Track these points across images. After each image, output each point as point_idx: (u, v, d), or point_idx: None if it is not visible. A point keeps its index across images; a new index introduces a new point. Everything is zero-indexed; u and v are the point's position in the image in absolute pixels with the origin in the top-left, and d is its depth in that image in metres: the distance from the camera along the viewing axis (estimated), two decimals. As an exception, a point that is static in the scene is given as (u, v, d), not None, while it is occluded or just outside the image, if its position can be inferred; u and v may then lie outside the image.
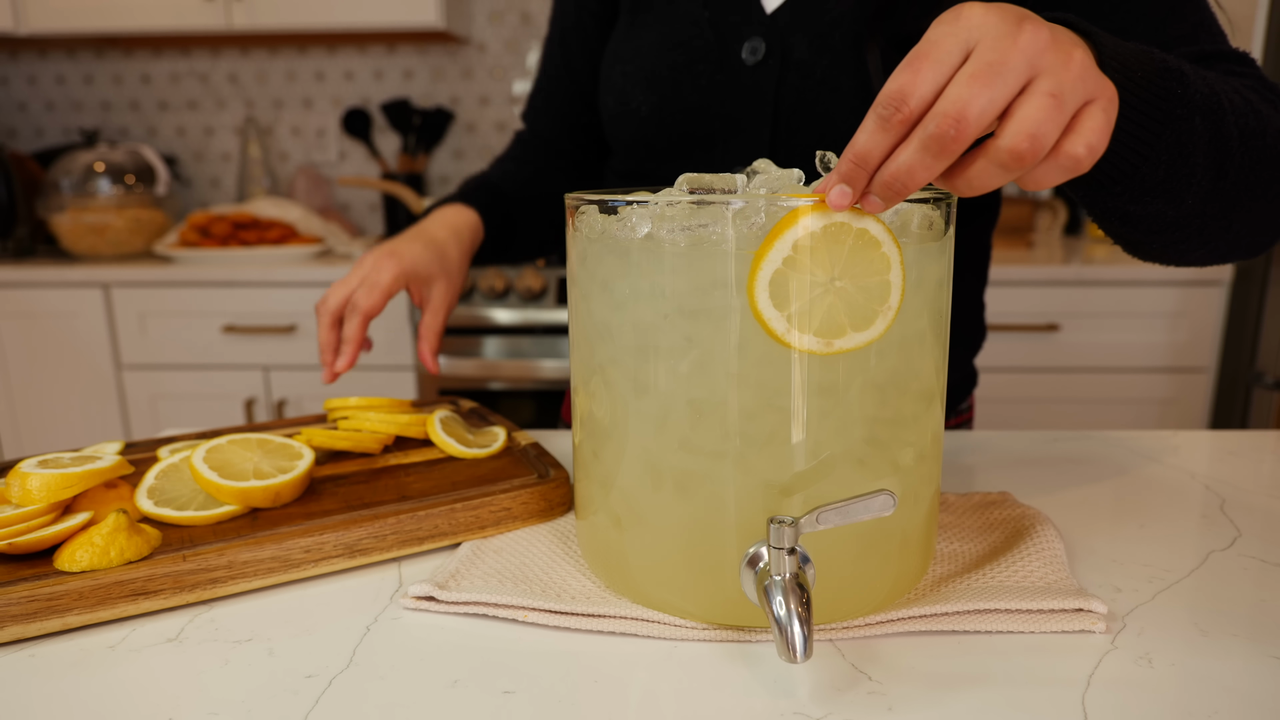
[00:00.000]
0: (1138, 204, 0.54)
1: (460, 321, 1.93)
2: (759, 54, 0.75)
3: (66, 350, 2.02)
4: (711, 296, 0.43)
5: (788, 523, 0.41)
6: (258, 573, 0.51)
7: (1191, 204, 0.54)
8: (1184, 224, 0.57)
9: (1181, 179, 0.52)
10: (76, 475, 0.54)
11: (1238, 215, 0.58)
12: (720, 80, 0.77)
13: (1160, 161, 0.51)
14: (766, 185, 0.48)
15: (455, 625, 0.48)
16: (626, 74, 0.82)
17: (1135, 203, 0.54)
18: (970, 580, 0.50)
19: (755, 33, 0.76)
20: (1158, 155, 0.51)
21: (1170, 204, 0.54)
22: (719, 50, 0.77)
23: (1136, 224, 0.57)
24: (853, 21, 0.73)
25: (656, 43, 0.80)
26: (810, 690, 0.42)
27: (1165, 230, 0.58)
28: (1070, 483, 0.68)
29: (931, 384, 0.47)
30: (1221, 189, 0.55)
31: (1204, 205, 0.55)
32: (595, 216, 0.47)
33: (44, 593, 0.47)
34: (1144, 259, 0.64)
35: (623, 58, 0.83)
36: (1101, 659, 0.44)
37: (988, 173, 0.40)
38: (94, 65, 2.50)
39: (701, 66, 0.78)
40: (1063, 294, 1.84)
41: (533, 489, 0.59)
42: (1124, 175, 0.51)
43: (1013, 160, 0.39)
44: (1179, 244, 0.59)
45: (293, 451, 0.61)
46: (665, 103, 0.79)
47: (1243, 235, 0.60)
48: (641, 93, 0.80)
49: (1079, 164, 0.40)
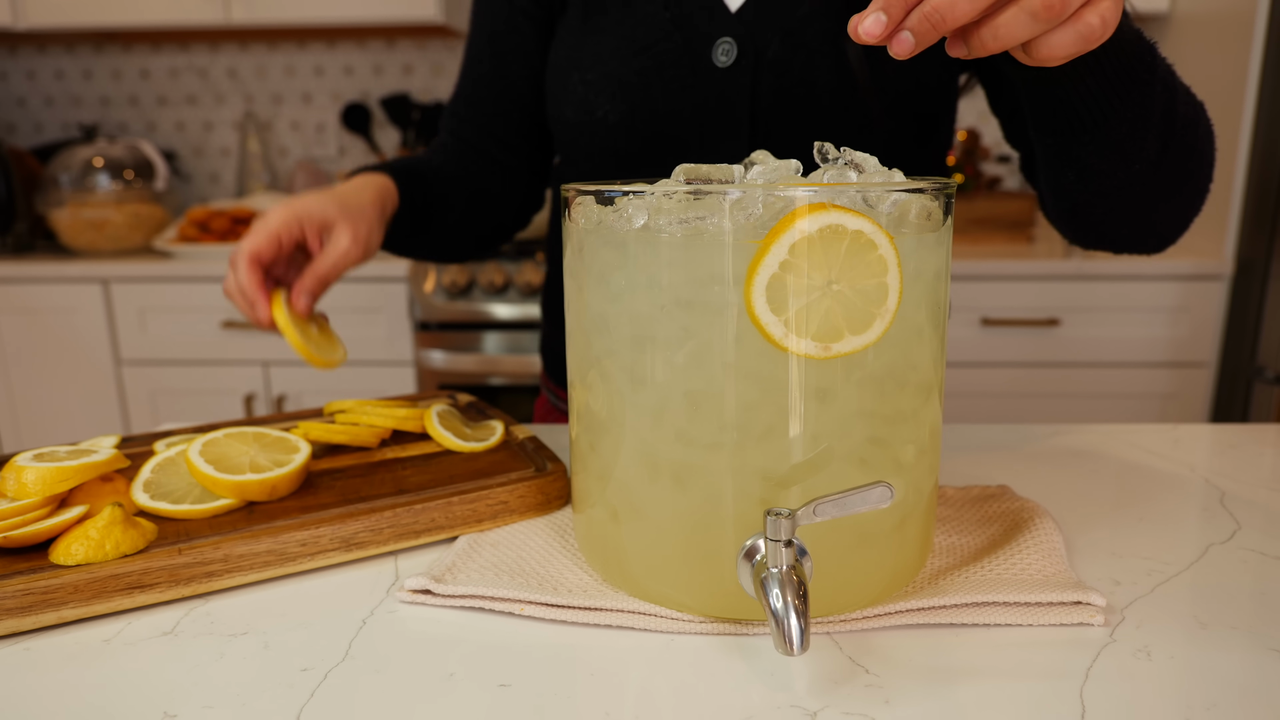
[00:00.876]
0: (1099, 157, 0.60)
1: (460, 316, 1.93)
2: (732, 56, 0.74)
3: (66, 346, 2.02)
4: (709, 288, 0.42)
5: (784, 515, 0.40)
6: (253, 566, 0.51)
7: (1138, 169, 0.61)
8: (1125, 190, 0.62)
9: (1137, 140, 0.58)
10: (72, 469, 0.53)
11: (1165, 195, 0.64)
12: (693, 85, 0.75)
13: (1125, 119, 0.57)
14: (764, 176, 0.47)
15: (451, 618, 0.48)
16: (588, 82, 0.78)
17: (1097, 155, 0.60)
18: (968, 573, 0.50)
19: (724, 33, 0.74)
20: (1124, 113, 0.56)
21: (1123, 164, 0.60)
22: (689, 54, 0.75)
23: (1089, 179, 0.62)
24: (824, 16, 0.73)
25: (618, 48, 0.77)
26: (807, 683, 0.42)
27: (1110, 194, 0.63)
28: (1069, 476, 0.68)
29: (929, 376, 0.47)
30: (1162, 163, 0.61)
31: (1145, 174, 0.61)
32: (592, 207, 0.47)
33: (39, 586, 0.46)
34: (1075, 233, 0.70)
35: (581, 65, 0.79)
36: (1100, 652, 0.44)
37: (1017, 21, 0.43)
38: (93, 60, 2.50)
39: (672, 72, 0.75)
40: (1064, 289, 1.83)
41: (530, 482, 0.59)
42: (1096, 124, 0.57)
43: (1044, 9, 0.42)
44: (1115, 212, 0.65)
45: (289, 445, 0.60)
46: (636, 110, 0.77)
47: (1162, 220, 0.67)
48: (608, 101, 0.77)
49: (1092, 32, 0.44)
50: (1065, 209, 0.68)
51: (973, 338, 1.87)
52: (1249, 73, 1.70)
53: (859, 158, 0.47)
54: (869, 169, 0.47)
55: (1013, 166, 2.40)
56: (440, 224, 0.86)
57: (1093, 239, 0.70)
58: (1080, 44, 0.45)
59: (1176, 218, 0.67)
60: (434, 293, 1.93)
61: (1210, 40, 1.80)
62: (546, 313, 0.98)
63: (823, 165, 0.48)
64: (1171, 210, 0.66)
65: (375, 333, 1.98)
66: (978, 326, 1.86)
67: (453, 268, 1.91)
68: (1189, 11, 1.94)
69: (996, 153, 2.39)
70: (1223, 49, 1.78)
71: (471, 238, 0.90)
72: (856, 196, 0.42)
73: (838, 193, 0.41)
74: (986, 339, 1.87)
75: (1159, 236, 0.69)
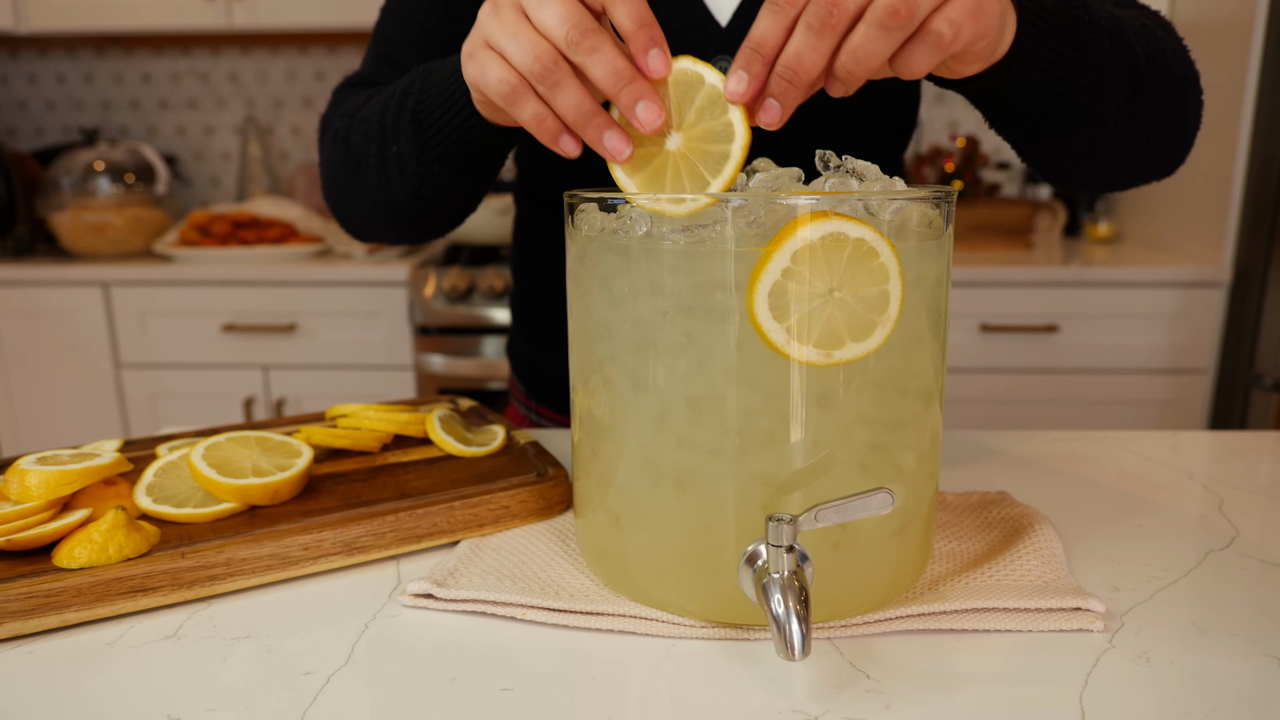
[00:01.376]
0: (1067, 131, 0.59)
1: (460, 321, 1.93)
2: (726, 65, 0.74)
3: (66, 349, 2.02)
4: (711, 295, 0.43)
5: (786, 520, 0.41)
6: (256, 570, 0.51)
7: (1114, 125, 0.59)
8: (1108, 145, 0.61)
9: (1102, 100, 0.57)
10: (75, 472, 0.54)
11: (1154, 132, 0.63)
12: None
13: (1082, 86, 0.56)
14: (766, 184, 0.48)
15: (454, 623, 0.48)
16: None
17: (1065, 130, 0.58)
18: (968, 579, 0.50)
19: (719, 50, 0.74)
20: (1079, 80, 0.55)
21: (1095, 127, 0.59)
22: None
23: (1067, 151, 0.62)
24: None
25: None
26: (808, 688, 0.42)
27: (1092, 155, 0.62)
28: (1068, 482, 0.68)
29: (930, 383, 0.47)
30: (1137, 107, 0.60)
31: (1124, 125, 0.60)
32: (595, 214, 0.48)
33: (42, 589, 0.47)
34: (1072, 187, 0.69)
35: None
36: (1099, 658, 0.44)
37: (870, 39, 0.43)
38: (94, 64, 2.50)
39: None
40: (1062, 295, 1.84)
41: (531, 487, 0.59)
42: (1052, 104, 0.56)
43: (889, 17, 0.42)
44: (1105, 167, 0.64)
45: (291, 449, 0.61)
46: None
47: (1159, 152, 0.65)
48: None
49: (942, 41, 0.44)
50: (1054, 178, 0.68)
51: (971, 344, 1.87)
52: (1248, 79, 1.71)
53: (860, 166, 0.48)
54: (870, 177, 0.48)
55: (1012, 173, 2.41)
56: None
57: (1093, 188, 0.70)
58: (936, 54, 0.45)
59: (1172, 143, 0.66)
60: (434, 297, 1.93)
61: (1209, 46, 1.81)
62: (520, 329, 0.95)
63: (824, 173, 0.48)
64: (1164, 139, 0.65)
65: (375, 337, 1.98)
66: (977, 332, 1.87)
67: (453, 272, 1.91)
68: (1188, 17, 1.95)
69: (995, 159, 2.40)
70: (1221, 55, 1.79)
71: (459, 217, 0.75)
72: (858, 204, 0.43)
73: (839, 200, 0.41)
74: (985, 345, 1.87)
75: (1161, 165, 0.68)
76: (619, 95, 0.45)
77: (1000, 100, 0.57)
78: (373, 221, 0.73)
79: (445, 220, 0.73)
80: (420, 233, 0.74)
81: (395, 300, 1.96)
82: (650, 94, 0.45)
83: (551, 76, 0.47)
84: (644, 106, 0.45)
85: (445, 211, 0.71)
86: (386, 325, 1.98)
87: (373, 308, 1.97)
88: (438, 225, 0.74)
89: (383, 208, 0.70)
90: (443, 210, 0.70)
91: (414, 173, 0.65)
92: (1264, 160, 1.73)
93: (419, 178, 0.65)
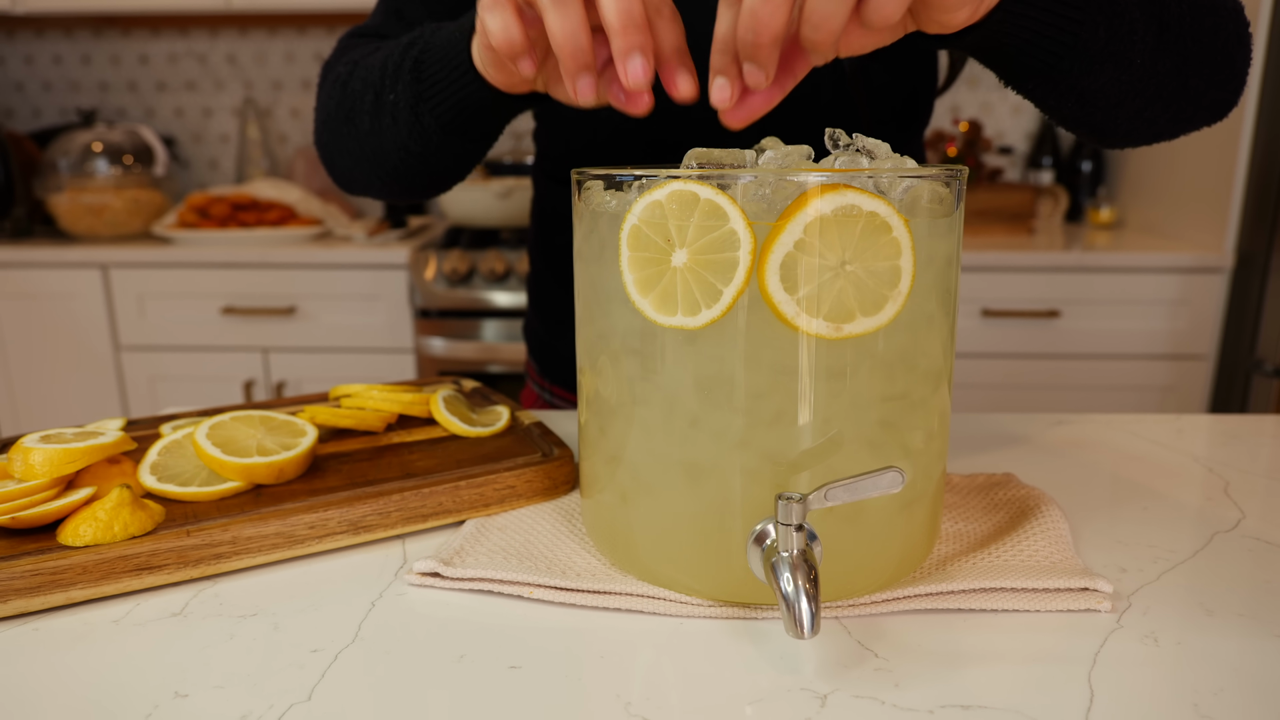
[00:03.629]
0: (1088, 76, 0.54)
1: (460, 304, 1.93)
2: None
3: (65, 331, 2.02)
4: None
5: (796, 499, 0.40)
6: (262, 548, 0.51)
7: (1141, 63, 0.55)
8: (1140, 89, 0.56)
9: (1123, 38, 0.53)
10: (79, 450, 0.53)
11: (1192, 70, 0.57)
12: None
13: (1098, 24, 0.51)
14: (776, 162, 0.47)
15: (460, 601, 0.48)
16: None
17: (1086, 74, 0.54)
18: (976, 559, 0.50)
19: None
20: (1092, 17, 0.51)
21: (1121, 69, 0.54)
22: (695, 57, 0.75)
23: (1094, 100, 0.57)
24: None
25: None
26: (816, 667, 0.42)
27: (1123, 100, 0.57)
28: (1073, 465, 0.68)
29: (939, 363, 0.47)
30: (1167, 42, 0.55)
31: (1154, 63, 0.55)
32: (601, 192, 0.47)
33: (47, 567, 0.46)
34: (1114, 142, 0.64)
35: None
36: (1107, 638, 0.44)
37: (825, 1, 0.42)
38: (91, 45, 2.48)
39: None
40: (1064, 280, 1.83)
41: (537, 467, 0.59)
42: (1067, 48, 0.52)
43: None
44: (1142, 113, 0.59)
45: (296, 429, 0.60)
46: None
47: (1202, 91, 0.60)
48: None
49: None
50: (1089, 133, 0.62)
51: (973, 328, 1.87)
52: (1252, 64, 1.70)
53: (870, 144, 0.47)
54: (880, 155, 0.47)
55: (1014, 158, 2.40)
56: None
57: (1135, 141, 0.64)
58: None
59: (1218, 80, 0.60)
60: (434, 280, 1.92)
61: (1213, 32, 1.80)
62: (536, 309, 0.96)
63: (834, 151, 0.48)
64: (1206, 77, 0.59)
65: (375, 320, 1.98)
66: (978, 317, 1.86)
67: (453, 255, 1.90)
68: (1192, 3, 1.94)
69: (998, 144, 2.39)
70: (1226, 41, 1.77)
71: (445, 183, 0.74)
72: (868, 182, 0.42)
73: (850, 178, 0.41)
74: (986, 330, 1.87)
75: (1207, 107, 0.62)
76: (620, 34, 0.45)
77: (1008, 52, 0.54)
78: (359, 171, 0.72)
79: (429, 182, 0.71)
80: (404, 189, 0.72)
81: (395, 283, 1.95)
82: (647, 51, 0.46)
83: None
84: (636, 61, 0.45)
85: (429, 173, 0.69)
86: (386, 308, 1.97)
87: (373, 290, 1.96)
88: (420, 186, 0.72)
89: (370, 157, 0.69)
90: (426, 171, 0.69)
91: (406, 122, 0.64)
92: (1267, 146, 1.73)
93: (409, 129, 0.64)
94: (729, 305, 0.41)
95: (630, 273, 0.43)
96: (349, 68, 0.71)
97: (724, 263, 0.41)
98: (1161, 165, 2.07)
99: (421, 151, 0.66)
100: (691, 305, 0.42)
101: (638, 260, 0.43)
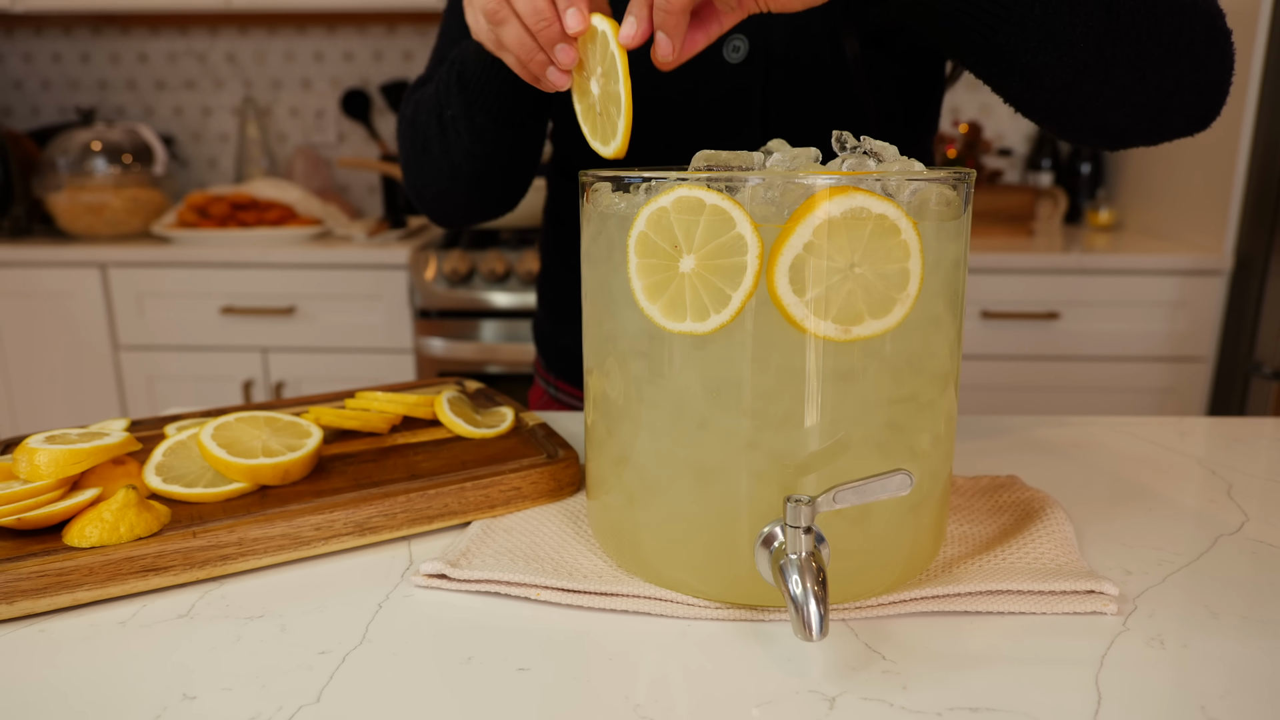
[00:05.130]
0: (1028, 53, 0.56)
1: (459, 304, 1.93)
2: (742, 52, 0.74)
3: (63, 330, 2.01)
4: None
5: (805, 501, 0.40)
6: (268, 550, 0.51)
7: (1085, 47, 0.55)
8: (1087, 73, 0.57)
9: (1060, 16, 0.54)
10: (85, 451, 0.53)
11: (1150, 65, 0.57)
12: (704, 80, 0.75)
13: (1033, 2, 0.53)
14: (783, 164, 0.47)
15: (467, 603, 0.48)
16: None
17: (1025, 51, 0.56)
18: (982, 561, 0.50)
19: (736, 30, 0.74)
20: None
21: (1061, 49, 0.55)
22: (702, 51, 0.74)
23: (1039, 81, 0.58)
24: (825, 13, 0.74)
25: None
26: (824, 669, 0.42)
27: (1070, 85, 0.57)
28: (1075, 467, 0.68)
29: (946, 365, 0.47)
30: (1117, 30, 0.55)
31: (1101, 50, 0.55)
32: (609, 194, 0.47)
33: (54, 568, 0.46)
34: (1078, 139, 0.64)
35: None
36: (1114, 640, 0.44)
37: None
38: (90, 43, 2.48)
39: (685, 68, 0.74)
40: (1063, 282, 1.84)
41: (542, 469, 0.59)
42: (1003, 21, 0.54)
43: None
44: (1091, 101, 0.59)
45: (301, 430, 0.60)
46: (645, 105, 0.75)
47: (1169, 93, 0.59)
48: None
49: None
50: (1042, 121, 0.63)
51: (972, 330, 1.87)
52: (1251, 67, 1.70)
53: (877, 146, 0.47)
54: (888, 158, 0.47)
55: (1014, 160, 2.41)
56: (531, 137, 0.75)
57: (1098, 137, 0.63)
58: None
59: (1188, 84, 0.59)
60: (434, 280, 1.92)
61: (1213, 35, 1.80)
62: (546, 306, 0.98)
63: (841, 154, 0.48)
64: (1171, 77, 0.58)
65: (375, 320, 1.98)
66: (977, 319, 1.87)
67: (454, 255, 1.90)
68: (1192, 6, 1.94)
69: (997, 146, 2.39)
70: (1225, 44, 1.78)
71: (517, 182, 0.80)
72: (875, 185, 0.42)
73: (857, 181, 0.41)
74: (986, 332, 1.87)
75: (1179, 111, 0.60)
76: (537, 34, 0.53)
77: (940, 23, 0.55)
78: (445, 196, 0.78)
79: (503, 185, 0.78)
80: (485, 196, 0.79)
81: (395, 283, 1.95)
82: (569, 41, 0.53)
83: (497, 15, 0.55)
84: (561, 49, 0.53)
85: (500, 169, 0.75)
86: (386, 308, 1.97)
87: (373, 291, 1.96)
88: (497, 192, 0.79)
89: (447, 175, 0.75)
90: (497, 170, 0.75)
91: (465, 129, 0.71)
92: (1266, 149, 1.73)
93: (470, 134, 0.71)
94: (737, 310, 0.41)
95: (638, 279, 0.44)
96: (412, 109, 0.77)
97: (732, 268, 0.41)
98: (1161, 167, 2.08)
99: (485, 152, 0.73)
100: (700, 311, 0.42)
101: (645, 267, 0.43)
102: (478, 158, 0.73)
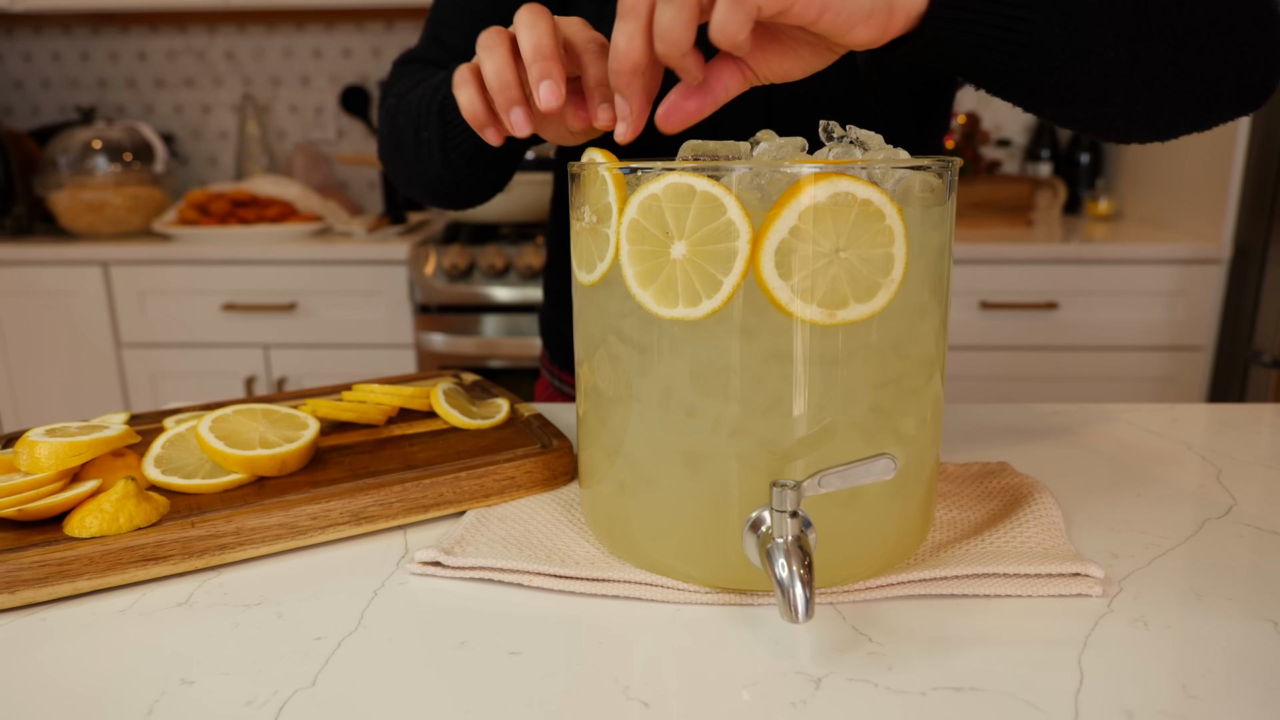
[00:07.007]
0: (1055, 73, 0.51)
1: (460, 299, 1.93)
2: None
3: (65, 329, 2.02)
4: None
5: (790, 486, 0.41)
6: (265, 539, 0.52)
7: (1115, 56, 0.51)
8: (1123, 81, 0.53)
9: (1086, 32, 0.50)
10: (85, 443, 0.54)
11: (1190, 57, 0.53)
12: None
13: (1051, 20, 0.49)
14: (770, 153, 0.48)
15: (461, 590, 0.49)
16: None
17: (1051, 72, 0.51)
18: (969, 546, 0.51)
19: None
20: (1044, 15, 0.49)
21: (1091, 63, 0.51)
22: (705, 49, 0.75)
23: (1073, 98, 0.53)
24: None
25: None
26: (811, 651, 0.42)
27: (1107, 95, 0.53)
28: (1068, 453, 0.68)
29: (931, 351, 0.47)
30: (1148, 31, 0.51)
31: (1135, 54, 0.52)
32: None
33: (55, 558, 0.47)
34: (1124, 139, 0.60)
35: None
36: (1098, 621, 0.44)
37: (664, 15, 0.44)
38: (90, 42, 2.48)
39: None
40: (1062, 272, 1.84)
41: (536, 458, 0.60)
42: (1022, 47, 0.50)
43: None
44: (1133, 105, 0.55)
45: (298, 421, 0.61)
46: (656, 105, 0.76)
47: (1216, 79, 0.55)
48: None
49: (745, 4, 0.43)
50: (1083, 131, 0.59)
51: (971, 321, 1.88)
52: None
53: (863, 135, 0.48)
54: (873, 147, 0.48)
55: (1012, 150, 2.41)
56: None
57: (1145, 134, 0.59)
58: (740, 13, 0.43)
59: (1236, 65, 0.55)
60: (434, 275, 1.93)
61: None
62: (550, 297, 0.99)
63: (828, 143, 0.48)
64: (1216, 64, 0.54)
65: (375, 315, 1.98)
66: (976, 310, 1.87)
67: (453, 251, 1.91)
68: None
69: (996, 137, 2.39)
70: (1223, 32, 1.77)
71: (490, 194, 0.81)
72: (861, 173, 0.43)
73: (843, 169, 0.42)
74: (985, 322, 1.88)
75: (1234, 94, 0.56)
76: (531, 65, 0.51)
77: (962, 59, 0.51)
78: (414, 189, 0.80)
79: (469, 199, 0.80)
80: (453, 204, 0.81)
81: (395, 279, 1.96)
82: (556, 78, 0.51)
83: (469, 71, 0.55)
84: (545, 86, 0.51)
85: (468, 193, 0.78)
86: (387, 304, 1.98)
87: (373, 286, 1.97)
88: (462, 202, 0.81)
89: (418, 181, 0.77)
90: (464, 192, 0.77)
91: (438, 158, 0.71)
92: (1264, 137, 1.73)
93: (442, 163, 0.71)
94: (729, 295, 0.42)
95: (630, 266, 0.44)
96: (396, 100, 0.78)
97: (723, 253, 0.42)
98: (1159, 157, 2.08)
99: (455, 179, 0.74)
100: (692, 296, 0.43)
101: (637, 254, 0.44)
102: (447, 182, 0.74)
